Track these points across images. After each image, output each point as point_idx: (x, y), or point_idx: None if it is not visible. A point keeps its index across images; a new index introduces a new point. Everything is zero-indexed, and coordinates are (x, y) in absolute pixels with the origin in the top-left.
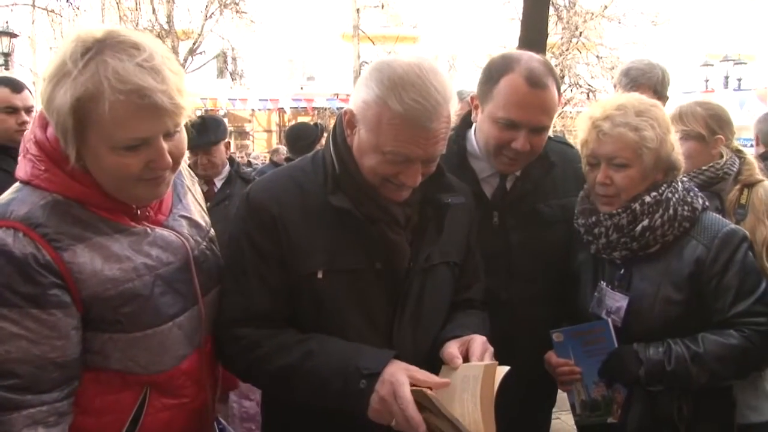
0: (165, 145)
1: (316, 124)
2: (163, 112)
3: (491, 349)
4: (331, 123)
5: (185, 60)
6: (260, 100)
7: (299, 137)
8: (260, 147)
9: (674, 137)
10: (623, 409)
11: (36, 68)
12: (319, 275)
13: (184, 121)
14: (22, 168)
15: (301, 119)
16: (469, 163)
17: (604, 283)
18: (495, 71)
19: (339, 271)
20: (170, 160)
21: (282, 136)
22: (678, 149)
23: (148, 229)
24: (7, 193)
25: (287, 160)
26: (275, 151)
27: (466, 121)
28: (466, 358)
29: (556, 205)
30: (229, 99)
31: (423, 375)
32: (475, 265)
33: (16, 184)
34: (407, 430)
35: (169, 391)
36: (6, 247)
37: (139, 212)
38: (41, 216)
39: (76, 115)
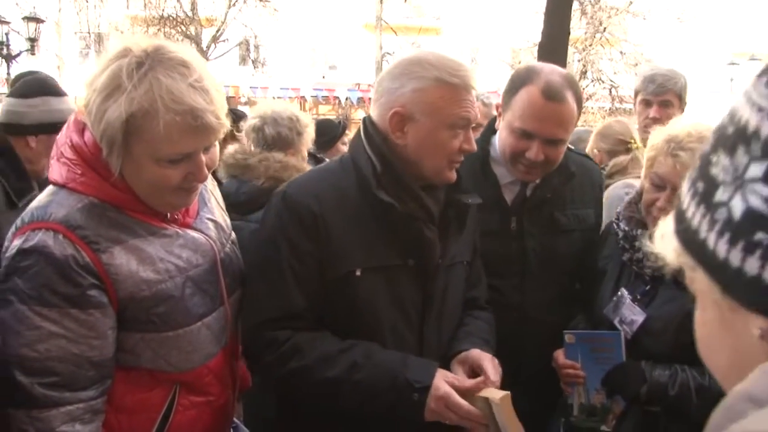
0: (204, 159)
1: (339, 122)
2: (210, 131)
3: (499, 369)
4: (352, 113)
5: (208, 47)
6: (281, 88)
7: (322, 133)
8: None
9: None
10: (618, 420)
11: (61, 53)
12: (358, 273)
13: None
14: (57, 171)
15: (322, 108)
16: (492, 168)
17: (626, 292)
18: (517, 82)
19: (376, 269)
20: (207, 173)
21: None
22: None
23: (179, 231)
24: (44, 196)
25: (309, 155)
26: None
27: (490, 127)
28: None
29: (572, 214)
30: (250, 87)
31: (460, 382)
32: (479, 265)
33: (51, 187)
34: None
35: (197, 389)
36: (47, 248)
37: (168, 215)
38: (80, 219)
39: (126, 129)
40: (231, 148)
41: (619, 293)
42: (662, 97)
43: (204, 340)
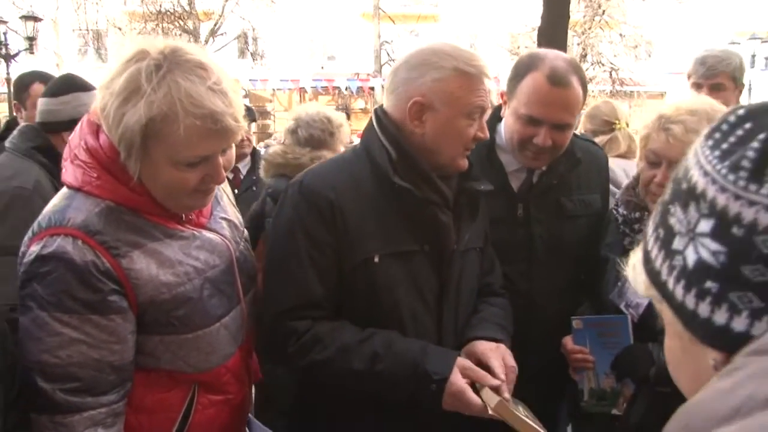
0: (221, 161)
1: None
2: (229, 134)
3: (511, 361)
4: (352, 103)
5: (206, 41)
6: (281, 80)
7: None
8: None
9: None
10: (629, 402)
11: (60, 51)
12: (376, 259)
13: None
14: (71, 174)
15: (321, 99)
16: (497, 155)
17: None
18: (521, 68)
19: (394, 255)
20: (224, 175)
21: None
22: None
23: (196, 233)
24: (59, 200)
25: None
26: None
27: (495, 115)
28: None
29: (579, 200)
30: (250, 79)
31: (476, 374)
32: (492, 252)
33: (65, 190)
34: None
35: (216, 388)
36: (66, 254)
37: (183, 216)
38: (98, 223)
39: (145, 133)
40: (278, 147)
41: (624, 278)
42: (713, 80)
43: (222, 341)
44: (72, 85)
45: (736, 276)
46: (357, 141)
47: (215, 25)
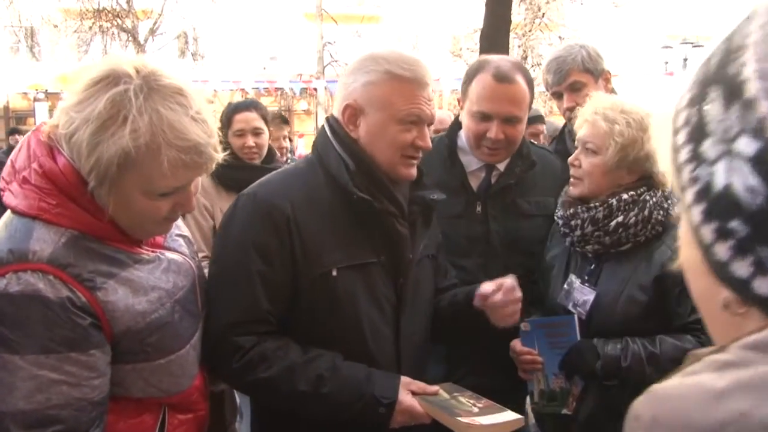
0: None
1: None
2: (209, 164)
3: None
4: (294, 104)
5: (145, 40)
6: (222, 81)
7: None
8: None
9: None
10: (578, 400)
11: None
12: (334, 273)
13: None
14: (22, 200)
15: (264, 100)
16: (458, 156)
17: (574, 277)
18: (471, 73)
19: (352, 267)
20: (194, 203)
21: None
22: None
23: (159, 255)
24: (14, 230)
25: None
26: None
27: (456, 121)
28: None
29: (534, 201)
30: (191, 80)
31: (417, 387)
32: (445, 260)
33: (14, 219)
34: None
35: (184, 407)
36: (38, 292)
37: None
38: (67, 255)
39: (123, 163)
40: None
41: (569, 279)
42: (566, 82)
43: (191, 362)
44: None
45: None
46: (299, 142)
47: (154, 24)
